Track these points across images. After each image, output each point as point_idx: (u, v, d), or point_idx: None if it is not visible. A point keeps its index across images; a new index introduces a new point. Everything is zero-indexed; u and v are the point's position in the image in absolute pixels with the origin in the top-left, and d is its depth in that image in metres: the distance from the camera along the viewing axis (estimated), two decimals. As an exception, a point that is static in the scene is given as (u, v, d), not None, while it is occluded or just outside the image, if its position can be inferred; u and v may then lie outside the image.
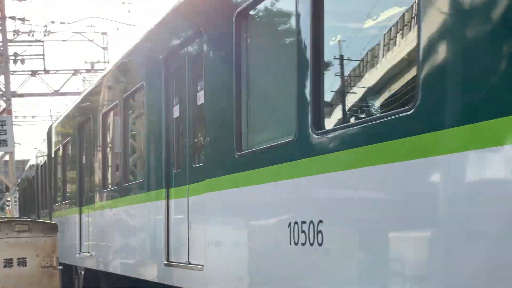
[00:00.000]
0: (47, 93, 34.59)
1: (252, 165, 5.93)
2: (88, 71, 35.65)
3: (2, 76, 21.26)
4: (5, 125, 18.39)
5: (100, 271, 11.21)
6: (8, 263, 10.02)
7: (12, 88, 25.58)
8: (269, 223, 5.67)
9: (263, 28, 6.21)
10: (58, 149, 15.90)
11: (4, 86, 20.72)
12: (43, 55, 34.38)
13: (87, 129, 12.41)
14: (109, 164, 11.00)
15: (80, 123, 13.10)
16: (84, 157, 12.81)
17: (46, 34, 34.49)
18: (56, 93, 34.42)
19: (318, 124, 4.88)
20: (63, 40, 36.82)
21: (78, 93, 35.51)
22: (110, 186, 10.63)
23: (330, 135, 4.78)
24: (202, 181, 6.88)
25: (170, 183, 7.89)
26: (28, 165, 29.10)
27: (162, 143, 8.07)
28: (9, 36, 30.12)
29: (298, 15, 5.17)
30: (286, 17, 5.75)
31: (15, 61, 33.47)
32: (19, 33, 33.92)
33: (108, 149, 11.25)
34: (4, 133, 18.31)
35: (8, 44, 26.03)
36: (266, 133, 6.08)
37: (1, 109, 21.71)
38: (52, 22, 33.43)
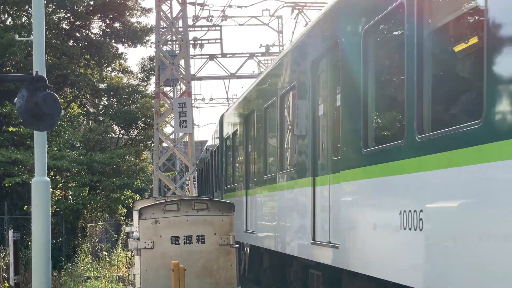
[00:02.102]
0: (224, 76, 35.61)
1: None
2: (263, 54, 36.26)
3: (182, 60, 22.05)
4: (185, 107, 19.04)
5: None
6: (188, 239, 10.36)
7: (191, 72, 26.55)
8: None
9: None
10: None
11: (184, 69, 21.48)
12: (220, 39, 35.38)
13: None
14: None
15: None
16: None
17: (224, 19, 35.42)
18: (233, 76, 35.34)
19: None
20: (239, 24, 37.62)
21: (253, 76, 36.24)
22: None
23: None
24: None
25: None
26: (205, 147, 30.14)
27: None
28: (189, 21, 31.24)
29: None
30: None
31: (194, 46, 34.73)
32: (199, 19, 35.11)
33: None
34: (184, 114, 18.98)
35: (188, 29, 26.98)
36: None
37: (181, 92, 22.55)
38: (230, 6, 34.20)
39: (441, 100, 6.25)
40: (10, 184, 20.46)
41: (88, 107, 29.10)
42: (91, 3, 24.80)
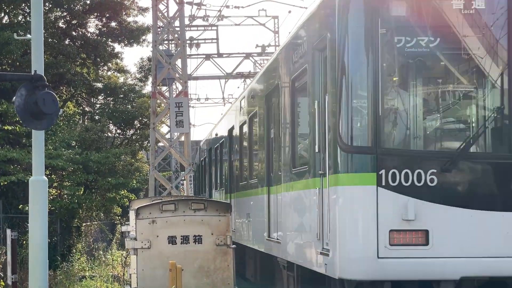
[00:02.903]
0: (220, 75, 35.58)
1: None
2: (259, 54, 36.24)
3: (179, 60, 22.03)
4: (182, 107, 19.05)
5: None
6: (185, 239, 10.37)
7: (188, 71, 26.51)
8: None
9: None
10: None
11: (181, 69, 21.47)
12: (217, 39, 35.37)
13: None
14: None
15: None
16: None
17: (220, 18, 35.41)
18: (229, 76, 35.31)
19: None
20: (235, 24, 37.59)
21: (249, 76, 36.20)
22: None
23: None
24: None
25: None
26: (200, 147, 30.17)
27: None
28: (186, 21, 31.23)
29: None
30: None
31: (190, 45, 34.70)
32: (195, 18, 35.09)
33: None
34: (180, 114, 18.98)
35: (185, 29, 26.98)
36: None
37: (178, 92, 22.55)
38: (227, 6, 34.20)
39: (242, 172, 15.10)
40: (6, 183, 20.41)
41: (84, 106, 29.05)
42: (88, 2, 24.75)
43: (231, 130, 16.60)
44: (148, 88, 28.64)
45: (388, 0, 7.66)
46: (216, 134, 19.98)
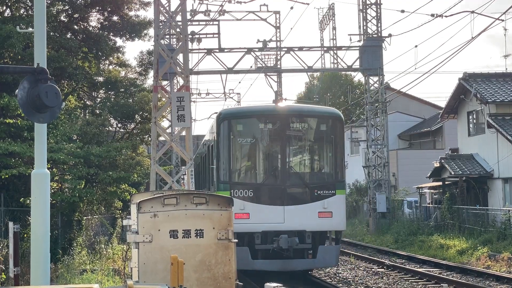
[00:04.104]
0: (221, 70, 35.56)
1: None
2: (260, 49, 36.19)
3: (180, 55, 22.01)
4: (183, 101, 19.03)
5: None
6: (186, 233, 10.35)
7: (189, 66, 26.47)
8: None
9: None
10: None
11: (182, 64, 21.45)
12: (218, 34, 35.33)
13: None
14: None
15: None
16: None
17: (221, 13, 35.33)
18: (230, 70, 35.27)
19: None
20: (237, 19, 37.49)
21: (251, 71, 36.15)
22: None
23: None
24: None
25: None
26: (202, 143, 30.23)
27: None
28: (187, 16, 31.15)
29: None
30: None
31: (192, 40, 34.66)
32: (197, 13, 35.03)
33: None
34: (182, 109, 18.97)
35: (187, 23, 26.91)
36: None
37: (179, 86, 22.50)
38: (229, 1, 34.12)
39: (205, 182, 24.27)
40: (7, 176, 20.42)
41: (85, 100, 29.04)
42: (90, -5, 24.76)
43: (201, 157, 25.88)
44: (149, 82, 28.64)
45: (234, 123, 18.72)
46: (198, 155, 30.44)
